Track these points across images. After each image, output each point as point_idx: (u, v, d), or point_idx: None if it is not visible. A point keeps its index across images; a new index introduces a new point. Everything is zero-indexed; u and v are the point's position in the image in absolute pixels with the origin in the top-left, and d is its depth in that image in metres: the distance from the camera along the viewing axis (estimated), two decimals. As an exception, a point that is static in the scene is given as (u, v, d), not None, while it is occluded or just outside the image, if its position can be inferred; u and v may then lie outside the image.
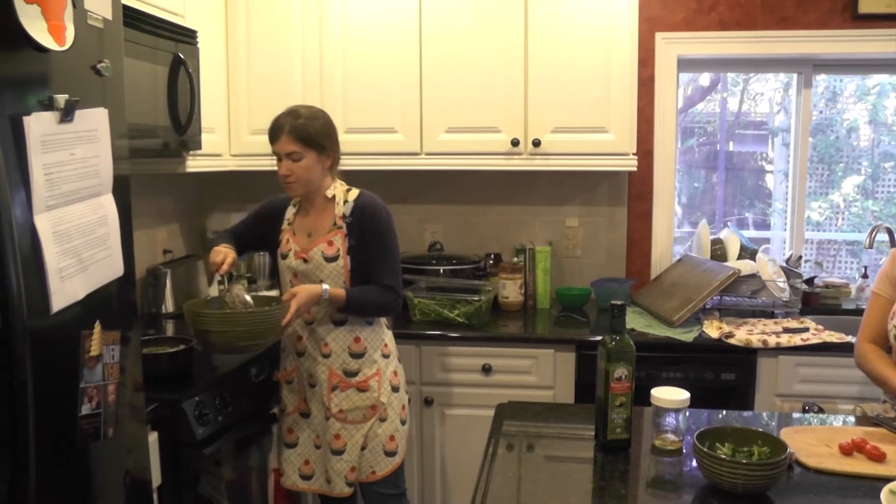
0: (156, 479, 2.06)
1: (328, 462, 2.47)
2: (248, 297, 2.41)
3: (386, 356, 2.54)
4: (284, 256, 2.51)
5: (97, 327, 1.59)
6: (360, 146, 3.26)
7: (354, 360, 2.47)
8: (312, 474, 2.54)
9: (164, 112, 2.61)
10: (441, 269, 3.37)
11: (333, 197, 2.50)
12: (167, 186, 3.46)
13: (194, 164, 2.95)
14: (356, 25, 3.21)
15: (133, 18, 2.33)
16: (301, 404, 2.55)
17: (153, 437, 2.07)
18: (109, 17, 1.67)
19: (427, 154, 3.26)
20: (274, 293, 3.58)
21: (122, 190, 1.71)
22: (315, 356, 2.48)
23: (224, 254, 2.42)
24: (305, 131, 2.39)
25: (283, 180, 2.43)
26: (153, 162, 2.84)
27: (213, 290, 3.47)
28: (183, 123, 2.70)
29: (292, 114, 2.43)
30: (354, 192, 2.52)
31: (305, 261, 2.46)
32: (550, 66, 3.15)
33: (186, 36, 2.74)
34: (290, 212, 2.57)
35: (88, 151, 1.56)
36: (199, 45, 2.82)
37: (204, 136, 2.90)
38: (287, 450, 2.58)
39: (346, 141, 3.22)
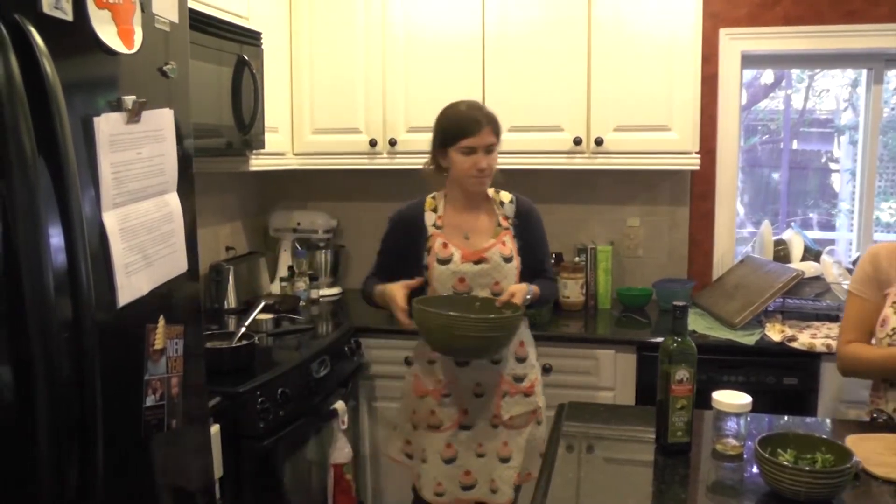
0: (217, 470, 2.11)
1: (495, 471, 2.44)
2: None
3: (536, 359, 2.57)
4: (445, 262, 2.40)
5: (161, 321, 1.64)
6: (422, 145, 3.26)
7: (520, 365, 2.48)
8: (475, 484, 2.46)
9: (228, 112, 2.66)
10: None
11: (490, 197, 2.51)
12: (231, 185, 3.53)
13: (258, 162, 3.02)
14: (418, 26, 3.23)
15: (199, 21, 2.39)
16: (461, 417, 2.44)
17: (215, 430, 2.11)
18: (176, 20, 1.71)
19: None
20: (337, 290, 3.64)
21: (186, 188, 1.75)
22: (484, 364, 2.44)
23: (400, 286, 2.35)
24: (498, 124, 2.40)
25: (479, 174, 2.36)
26: (218, 161, 2.91)
27: (276, 287, 3.54)
28: (247, 123, 2.75)
29: (477, 106, 2.43)
30: (508, 194, 2.54)
31: (478, 262, 2.40)
32: (613, 63, 3.12)
33: (250, 38, 2.79)
34: (433, 217, 2.46)
35: (154, 150, 1.61)
36: (262, 47, 2.87)
37: (267, 136, 2.95)
38: (445, 465, 2.46)
39: (407, 140, 3.28)
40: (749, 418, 1.83)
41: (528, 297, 2.36)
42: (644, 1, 3.08)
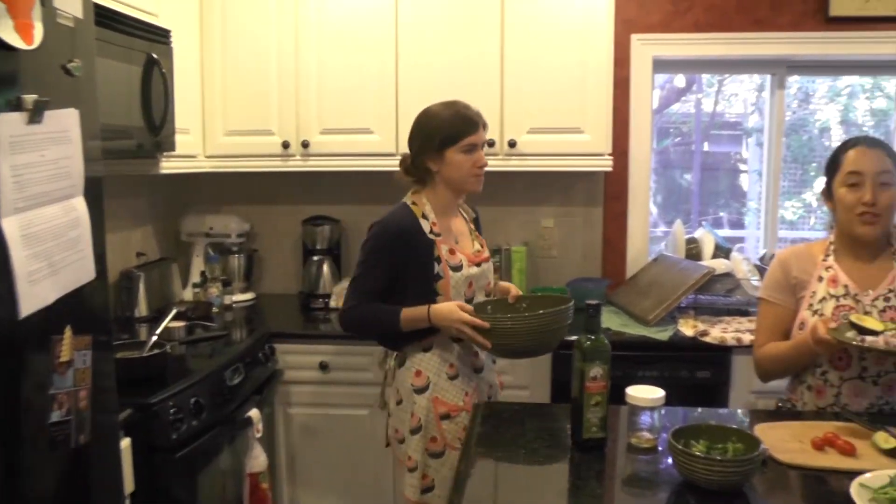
0: (128, 485, 2.03)
1: None
2: None
3: None
4: (458, 268, 2.34)
5: (68, 332, 1.57)
6: (335, 147, 3.26)
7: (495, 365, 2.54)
8: None
9: (137, 113, 2.58)
10: (418, 270, 3.36)
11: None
12: (141, 188, 3.43)
13: (169, 165, 2.93)
14: (331, 27, 3.21)
15: (105, 17, 2.30)
16: None
17: (126, 443, 2.04)
18: (80, 15, 1.64)
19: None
20: (250, 295, 3.57)
21: (94, 192, 1.69)
22: (490, 367, 2.46)
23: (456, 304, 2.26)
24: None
25: (478, 172, 2.37)
26: (127, 163, 2.82)
27: (189, 294, 3.45)
28: (157, 124, 2.68)
29: (467, 105, 2.40)
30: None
31: (479, 265, 2.42)
32: (526, 67, 3.16)
33: (160, 36, 2.71)
34: (427, 224, 2.35)
35: (59, 153, 1.54)
36: (173, 46, 2.80)
37: (178, 137, 2.88)
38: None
39: (321, 142, 3.25)
40: (663, 412, 1.87)
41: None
42: (557, 5, 3.13)
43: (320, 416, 3.09)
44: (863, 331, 1.99)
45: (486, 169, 3.22)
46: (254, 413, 2.66)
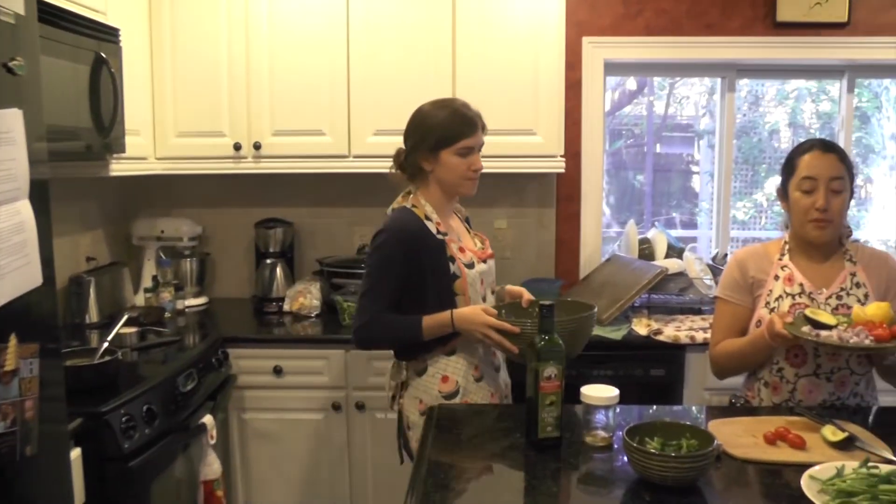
0: (79, 497, 1.99)
1: None
2: None
3: None
4: (471, 265, 2.31)
5: (13, 340, 1.52)
6: (287, 148, 3.23)
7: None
8: None
9: (86, 113, 2.52)
10: (370, 272, 3.34)
11: None
12: (91, 191, 3.35)
13: (119, 167, 2.87)
14: (283, 27, 3.18)
15: (50, 14, 2.24)
16: None
17: (76, 454, 1.99)
18: (22, 11, 1.60)
19: (355, 156, 3.24)
20: (203, 300, 3.52)
21: (40, 195, 1.64)
22: (504, 365, 2.45)
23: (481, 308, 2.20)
24: (484, 123, 2.37)
25: (472, 176, 2.32)
26: (75, 165, 2.75)
27: (140, 299, 3.39)
28: (106, 125, 2.62)
29: (467, 105, 2.34)
30: None
31: (485, 261, 2.39)
32: (478, 69, 3.17)
33: (108, 34, 2.65)
34: (433, 226, 2.28)
35: (3, 154, 1.50)
36: (121, 45, 2.74)
37: (128, 139, 2.82)
38: None
39: (273, 143, 3.22)
40: (618, 410, 1.88)
41: None
42: (508, 8, 3.15)
43: (275, 421, 3.06)
44: (817, 325, 2.03)
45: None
46: (207, 419, 2.62)
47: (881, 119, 4.11)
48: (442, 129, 2.26)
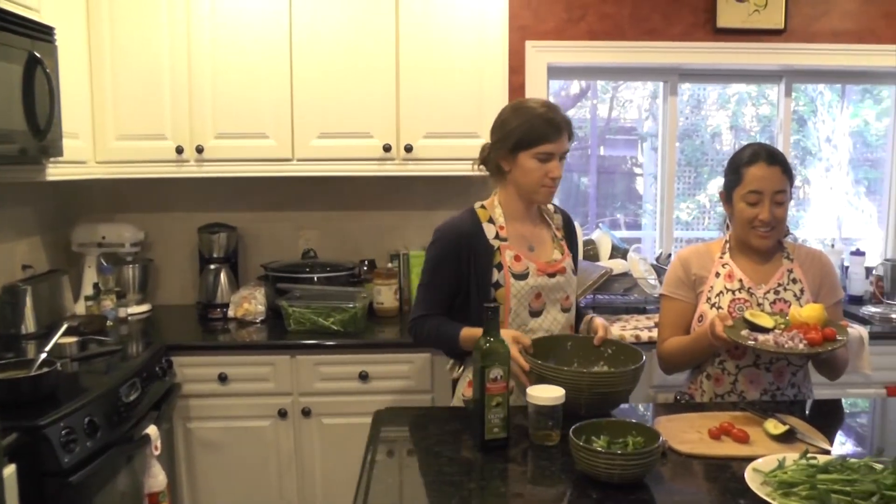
0: (15, 514, 1.92)
1: None
2: None
3: None
4: (522, 276, 2.21)
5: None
6: (230, 152, 3.18)
7: None
8: None
9: (20, 115, 2.43)
10: (315, 276, 3.33)
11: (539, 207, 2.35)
12: (27, 196, 3.25)
13: (56, 171, 2.79)
14: (225, 28, 3.13)
15: (-21, 13, 2.18)
16: None
17: (10, 470, 1.91)
18: (-51, 10, 1.54)
19: (299, 160, 3.21)
20: (146, 307, 3.45)
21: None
22: None
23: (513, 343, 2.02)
24: (572, 129, 2.26)
25: (552, 183, 2.21)
26: (9, 170, 2.66)
27: (81, 307, 3.30)
28: (42, 128, 2.53)
29: (554, 108, 2.21)
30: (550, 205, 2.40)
31: (553, 275, 2.25)
32: (422, 72, 3.17)
33: (42, 33, 2.56)
34: (493, 228, 2.24)
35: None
36: (57, 44, 2.65)
37: (66, 142, 2.73)
38: None
39: (216, 147, 3.17)
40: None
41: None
42: (452, 12, 3.16)
43: (220, 430, 3.01)
44: (755, 327, 2.11)
45: (382, 174, 3.25)
46: (152, 430, 2.55)
47: (817, 122, 4.23)
48: (523, 130, 2.16)
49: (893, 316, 3.41)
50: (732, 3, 3.63)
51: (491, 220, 2.26)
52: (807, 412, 2.17)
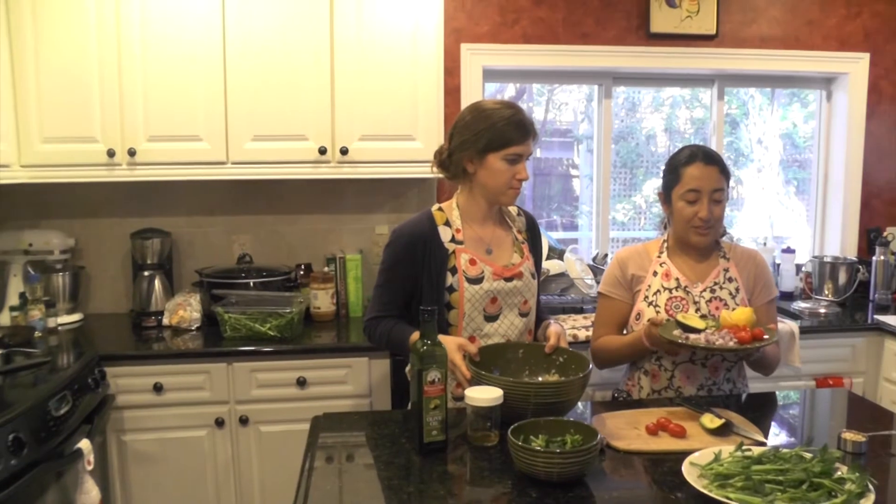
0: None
1: None
2: None
3: None
4: (477, 280, 2.18)
5: None
6: (163, 155, 3.11)
7: None
8: None
9: (-64, 119, 2.35)
10: (251, 282, 3.28)
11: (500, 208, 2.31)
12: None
13: (-24, 176, 2.69)
14: (156, 29, 3.06)
15: None
16: None
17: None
18: None
19: (233, 163, 3.16)
20: (77, 316, 3.34)
21: None
22: None
23: (456, 350, 2.01)
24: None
25: (515, 185, 2.17)
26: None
27: (6, 318, 3.19)
28: (-40, 132, 2.45)
29: (521, 110, 2.18)
30: (513, 206, 2.36)
31: (511, 279, 2.22)
32: (357, 74, 3.16)
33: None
34: (448, 231, 2.22)
35: None
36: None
37: (-13, 146, 2.64)
38: None
39: (148, 150, 3.10)
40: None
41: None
42: (387, 14, 3.15)
43: (156, 441, 2.93)
44: (687, 328, 2.15)
45: (318, 177, 3.22)
46: (84, 444, 2.47)
47: (749, 125, 4.34)
48: (495, 131, 2.13)
49: (822, 311, 3.52)
50: (665, 9, 3.70)
51: (447, 223, 2.24)
52: (742, 406, 2.21)
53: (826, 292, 3.74)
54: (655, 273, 2.38)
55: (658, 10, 3.70)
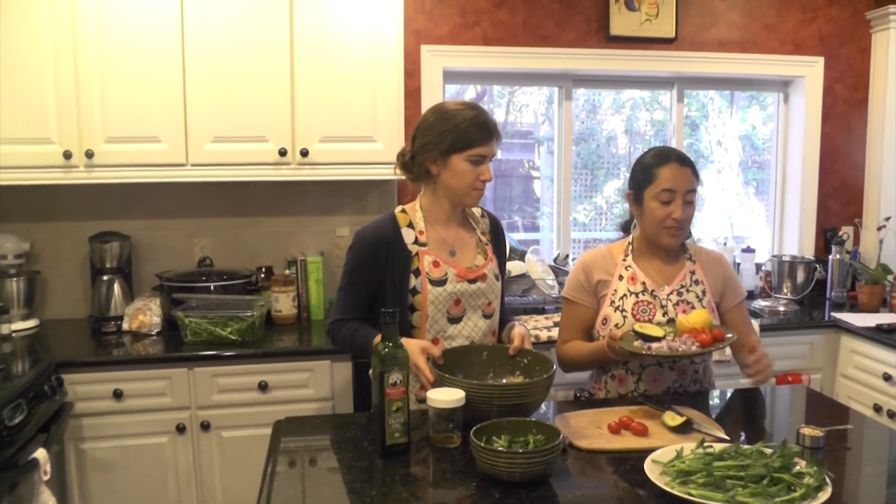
0: None
1: None
2: None
3: None
4: (440, 283, 2.18)
5: None
6: (122, 157, 3.06)
7: None
8: None
9: None
10: (211, 285, 3.24)
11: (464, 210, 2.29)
12: None
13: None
14: (113, 28, 3.01)
15: None
16: None
17: None
18: None
19: (193, 165, 3.12)
20: (33, 322, 3.28)
21: None
22: None
23: (419, 354, 2.01)
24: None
25: (479, 186, 2.18)
26: None
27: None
28: None
29: (484, 111, 2.18)
30: (477, 208, 2.35)
31: (474, 281, 2.22)
32: (317, 75, 3.14)
33: None
34: (412, 233, 2.21)
35: None
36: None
37: (-64, 149, 2.57)
38: None
39: (106, 151, 3.06)
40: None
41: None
42: (346, 16, 3.14)
43: (116, 449, 2.88)
44: (646, 338, 2.16)
45: (278, 179, 3.20)
46: (40, 454, 2.42)
47: (708, 127, 4.40)
48: (458, 132, 2.13)
49: (781, 309, 3.58)
50: (624, 12, 3.74)
51: (411, 225, 2.23)
52: (703, 403, 2.24)
53: (785, 291, 3.81)
54: (621, 277, 2.36)
55: (617, 13, 3.73)
